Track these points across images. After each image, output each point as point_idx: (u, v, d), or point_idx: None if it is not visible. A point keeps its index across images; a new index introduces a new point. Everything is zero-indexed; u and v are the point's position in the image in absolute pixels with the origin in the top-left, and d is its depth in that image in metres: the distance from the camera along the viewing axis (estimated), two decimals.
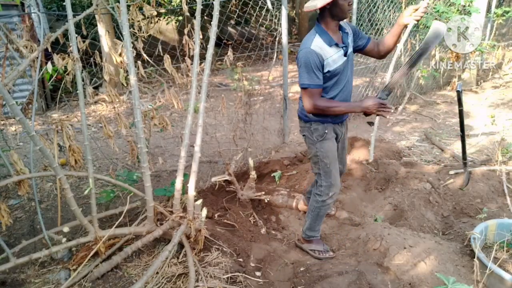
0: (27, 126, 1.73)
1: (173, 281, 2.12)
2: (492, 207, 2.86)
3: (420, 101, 5.89)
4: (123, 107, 5.59)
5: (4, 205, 2.02)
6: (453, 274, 2.07)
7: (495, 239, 2.34)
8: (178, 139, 4.46)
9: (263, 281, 2.23)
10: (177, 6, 6.94)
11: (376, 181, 3.39)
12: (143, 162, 2.13)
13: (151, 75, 6.97)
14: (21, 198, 3.20)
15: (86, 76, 2.35)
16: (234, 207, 2.96)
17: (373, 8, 5.02)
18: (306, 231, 2.58)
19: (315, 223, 2.53)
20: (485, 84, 6.53)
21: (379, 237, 2.38)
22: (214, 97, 6.20)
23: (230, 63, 2.82)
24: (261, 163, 3.68)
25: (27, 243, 2.23)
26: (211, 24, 2.13)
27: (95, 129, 5.23)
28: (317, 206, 2.45)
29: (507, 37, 7.64)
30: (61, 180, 1.95)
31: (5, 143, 3.07)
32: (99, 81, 6.56)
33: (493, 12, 5.95)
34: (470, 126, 4.72)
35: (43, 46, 2.05)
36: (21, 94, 5.36)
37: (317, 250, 2.54)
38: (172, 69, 2.36)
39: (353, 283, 2.09)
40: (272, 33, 10.91)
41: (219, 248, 2.35)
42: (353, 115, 5.27)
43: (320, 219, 2.52)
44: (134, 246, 2.25)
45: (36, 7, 4.76)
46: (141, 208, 2.71)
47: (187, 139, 2.19)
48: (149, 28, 2.36)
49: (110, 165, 3.79)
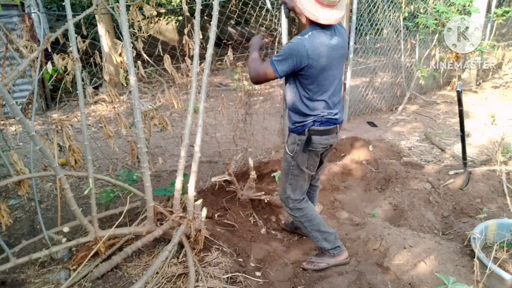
0: (27, 126, 1.73)
1: (173, 281, 2.12)
2: (492, 207, 2.86)
3: (420, 101, 5.89)
4: (123, 107, 5.59)
5: (4, 205, 2.02)
6: (453, 274, 2.07)
7: (495, 239, 2.34)
8: (178, 139, 4.46)
9: (263, 281, 2.23)
10: (177, 6, 6.94)
11: (376, 181, 3.39)
12: (143, 162, 2.13)
13: (151, 75, 6.97)
14: (21, 198, 3.20)
15: (86, 76, 2.36)
16: (234, 207, 2.96)
17: (373, 8, 5.02)
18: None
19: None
20: (485, 84, 6.53)
21: (379, 237, 2.38)
22: (214, 97, 6.20)
23: (230, 63, 2.82)
24: (261, 163, 3.68)
25: (27, 243, 2.23)
26: (211, 24, 2.13)
27: (95, 129, 5.23)
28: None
29: (507, 37, 7.64)
30: (61, 180, 1.95)
31: (5, 143, 3.07)
32: (99, 81, 6.56)
33: (493, 12, 5.95)
34: (470, 126, 4.72)
35: (43, 46, 2.05)
36: (21, 94, 5.36)
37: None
38: (172, 69, 2.36)
39: (353, 283, 2.09)
40: (272, 33, 10.91)
41: (219, 248, 2.35)
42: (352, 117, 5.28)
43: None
44: (134, 246, 2.25)
45: (36, 7, 4.76)
46: (141, 208, 2.71)
47: (187, 139, 2.19)
48: (149, 28, 2.36)
49: (110, 165, 3.79)
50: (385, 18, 5.24)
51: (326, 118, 2.14)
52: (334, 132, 2.20)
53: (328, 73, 2.06)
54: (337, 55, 2.07)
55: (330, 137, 2.20)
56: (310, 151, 2.19)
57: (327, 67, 2.03)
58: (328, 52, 2.00)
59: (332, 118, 2.16)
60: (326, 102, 2.12)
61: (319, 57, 1.97)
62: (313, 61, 1.96)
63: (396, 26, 5.37)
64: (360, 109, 5.39)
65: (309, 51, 1.94)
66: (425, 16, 4.79)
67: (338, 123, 2.22)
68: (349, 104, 5.01)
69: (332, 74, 2.09)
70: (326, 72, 2.04)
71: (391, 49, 5.54)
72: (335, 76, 2.12)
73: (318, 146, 2.17)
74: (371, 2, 4.95)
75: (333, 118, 2.17)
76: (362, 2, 4.90)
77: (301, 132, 2.17)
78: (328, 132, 2.17)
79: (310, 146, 2.17)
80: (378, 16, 5.19)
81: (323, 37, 1.99)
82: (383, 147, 3.96)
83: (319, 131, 2.15)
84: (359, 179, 3.50)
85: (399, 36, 5.37)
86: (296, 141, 2.20)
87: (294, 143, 2.21)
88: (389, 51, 5.53)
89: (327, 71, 2.04)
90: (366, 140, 4.07)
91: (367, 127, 4.99)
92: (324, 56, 1.99)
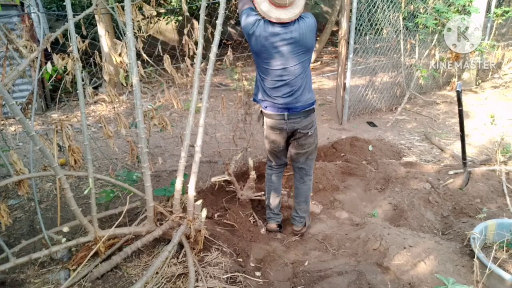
0: (27, 126, 1.72)
1: (173, 281, 2.12)
2: (492, 207, 2.86)
3: (420, 101, 5.89)
4: (122, 107, 5.59)
5: (4, 205, 2.02)
6: (453, 274, 2.07)
7: (494, 239, 2.34)
8: (178, 139, 4.46)
9: (263, 281, 2.23)
10: (177, 6, 6.94)
11: (376, 181, 3.39)
12: (144, 162, 2.13)
13: (151, 75, 6.97)
14: (21, 198, 3.20)
15: (86, 76, 2.36)
16: (234, 207, 2.96)
17: (372, 8, 5.02)
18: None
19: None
20: (485, 84, 6.53)
21: (378, 237, 2.38)
22: (214, 97, 6.20)
23: (230, 63, 2.82)
24: (261, 163, 3.68)
25: (26, 243, 2.23)
26: (217, 23, 2.12)
27: (94, 129, 5.23)
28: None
29: (507, 37, 7.64)
30: (60, 180, 1.95)
31: (5, 143, 3.07)
32: (99, 81, 6.56)
33: (492, 12, 5.95)
34: (470, 126, 4.72)
35: (42, 46, 2.05)
36: (21, 94, 5.36)
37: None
38: (172, 69, 2.36)
39: (353, 283, 2.09)
40: None
41: (219, 248, 2.35)
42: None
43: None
44: (134, 246, 2.25)
45: (35, 7, 4.76)
46: (140, 208, 2.71)
47: (187, 140, 2.19)
48: (149, 28, 2.36)
49: (110, 165, 3.79)
50: (384, 18, 5.24)
51: (270, 102, 2.40)
52: (281, 119, 2.40)
53: (269, 58, 2.27)
54: (282, 44, 2.22)
55: (276, 122, 2.43)
56: (266, 128, 2.53)
57: (267, 51, 2.24)
58: (268, 38, 2.21)
59: (275, 103, 2.38)
60: (269, 87, 2.37)
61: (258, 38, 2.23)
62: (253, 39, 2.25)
63: (396, 26, 5.37)
64: (360, 109, 5.39)
65: (255, 29, 2.22)
66: (425, 16, 4.78)
67: (285, 112, 2.39)
68: (349, 104, 5.02)
69: (276, 61, 2.27)
70: (266, 56, 2.27)
71: (390, 49, 5.54)
72: (280, 64, 2.27)
73: (268, 125, 2.49)
74: (371, 2, 4.95)
75: (276, 103, 2.38)
76: (362, 2, 4.91)
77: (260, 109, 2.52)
78: (272, 116, 2.42)
79: (264, 124, 2.53)
80: (377, 16, 5.19)
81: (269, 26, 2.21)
82: (383, 147, 3.96)
83: (266, 114, 2.46)
84: (359, 179, 3.50)
85: (398, 36, 5.37)
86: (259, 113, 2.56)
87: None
88: (389, 51, 5.53)
89: (267, 55, 2.26)
90: (366, 140, 4.07)
91: (367, 127, 4.99)
92: (263, 40, 2.22)
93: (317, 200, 3.15)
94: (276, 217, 2.86)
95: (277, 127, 2.45)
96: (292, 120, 2.40)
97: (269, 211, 2.84)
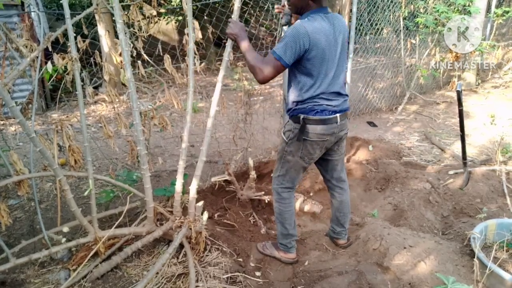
0: (27, 128, 1.72)
1: (173, 281, 2.12)
2: (492, 207, 2.86)
3: (420, 101, 5.89)
4: (123, 107, 5.59)
5: (3, 205, 2.02)
6: (453, 274, 2.07)
7: (494, 239, 2.34)
8: (178, 139, 4.46)
9: (263, 281, 2.24)
10: (177, 6, 6.93)
11: (376, 181, 3.39)
12: (143, 164, 2.13)
13: (151, 75, 6.97)
14: (21, 198, 3.20)
15: (86, 76, 2.35)
16: (234, 207, 2.96)
17: (373, 8, 5.02)
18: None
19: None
20: (485, 84, 6.53)
21: (379, 237, 2.38)
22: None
23: (230, 63, 2.81)
24: (261, 163, 3.68)
25: (26, 243, 2.23)
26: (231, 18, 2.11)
27: (95, 129, 5.23)
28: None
29: (507, 37, 7.65)
30: (61, 181, 1.95)
31: (5, 143, 3.07)
32: (99, 81, 6.56)
33: (493, 12, 5.95)
34: (470, 126, 4.72)
35: (43, 46, 2.05)
36: (21, 94, 5.36)
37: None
38: (172, 69, 2.36)
39: (353, 283, 2.09)
40: (272, 33, 10.90)
41: (219, 248, 2.35)
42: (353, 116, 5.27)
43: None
44: (134, 247, 2.25)
45: (36, 6, 4.76)
46: (141, 208, 2.71)
47: (186, 142, 2.19)
48: (149, 28, 2.36)
49: (110, 165, 3.79)
50: (385, 18, 5.24)
51: (324, 107, 2.10)
52: (334, 122, 2.14)
53: (327, 59, 2.02)
54: (336, 43, 2.04)
55: (328, 127, 2.13)
56: (304, 140, 2.15)
57: (327, 51, 2.00)
58: (326, 36, 1.98)
59: (329, 105, 2.11)
60: (324, 92, 2.09)
61: (319, 39, 1.94)
62: (314, 43, 1.93)
63: (396, 26, 5.37)
64: (360, 109, 5.39)
65: (310, 32, 1.91)
66: (425, 16, 4.79)
67: (338, 113, 2.15)
68: (349, 104, 5.01)
69: (332, 60, 2.05)
70: (325, 57, 2.01)
71: (391, 49, 5.54)
72: (334, 63, 2.07)
73: (313, 136, 2.13)
74: (371, 2, 4.95)
75: (331, 106, 2.11)
76: (362, 2, 4.90)
77: (297, 120, 2.14)
78: (324, 122, 2.11)
79: (304, 135, 2.12)
80: (378, 16, 5.19)
81: (322, 22, 1.98)
82: (383, 147, 3.96)
83: (314, 120, 2.10)
84: (359, 179, 3.50)
85: (399, 36, 5.37)
86: (292, 128, 2.18)
87: (290, 130, 2.19)
88: (389, 51, 5.53)
89: (326, 56, 2.01)
90: (366, 140, 4.07)
91: (367, 127, 4.99)
92: (324, 39, 1.96)
93: (317, 200, 3.15)
94: (295, 243, 2.51)
95: (328, 132, 2.15)
96: (342, 123, 2.20)
97: (291, 239, 2.42)
